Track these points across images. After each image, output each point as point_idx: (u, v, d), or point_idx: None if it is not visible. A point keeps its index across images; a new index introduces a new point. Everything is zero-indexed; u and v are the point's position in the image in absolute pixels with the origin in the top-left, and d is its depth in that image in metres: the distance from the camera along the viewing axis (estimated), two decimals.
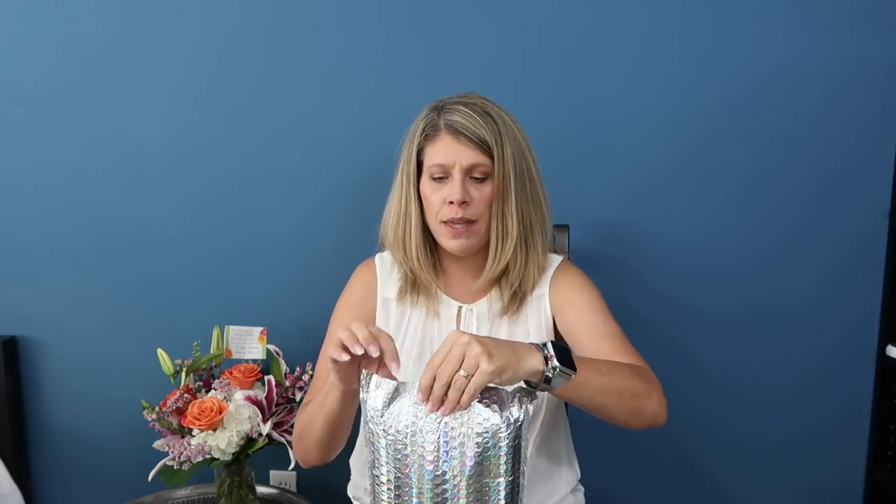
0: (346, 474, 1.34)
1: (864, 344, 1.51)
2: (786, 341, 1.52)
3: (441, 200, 1.06)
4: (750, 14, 1.41)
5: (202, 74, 1.50)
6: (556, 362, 0.85)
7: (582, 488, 1.26)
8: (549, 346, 0.86)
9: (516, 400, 0.84)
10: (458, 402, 0.81)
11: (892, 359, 1.47)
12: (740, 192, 1.47)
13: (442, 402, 0.81)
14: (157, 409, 1.29)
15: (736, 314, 1.51)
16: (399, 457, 0.82)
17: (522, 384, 0.88)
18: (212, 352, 1.38)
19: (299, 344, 1.52)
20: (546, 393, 1.14)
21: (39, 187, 1.55)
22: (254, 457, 1.32)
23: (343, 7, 1.46)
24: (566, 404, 1.25)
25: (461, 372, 0.80)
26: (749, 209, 1.48)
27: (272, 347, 1.39)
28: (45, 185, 1.55)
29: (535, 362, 0.84)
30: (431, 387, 0.81)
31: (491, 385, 0.83)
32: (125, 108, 1.51)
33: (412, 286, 1.15)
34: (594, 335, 1.07)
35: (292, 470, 1.30)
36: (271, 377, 1.33)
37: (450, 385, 0.80)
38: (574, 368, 0.87)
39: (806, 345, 1.52)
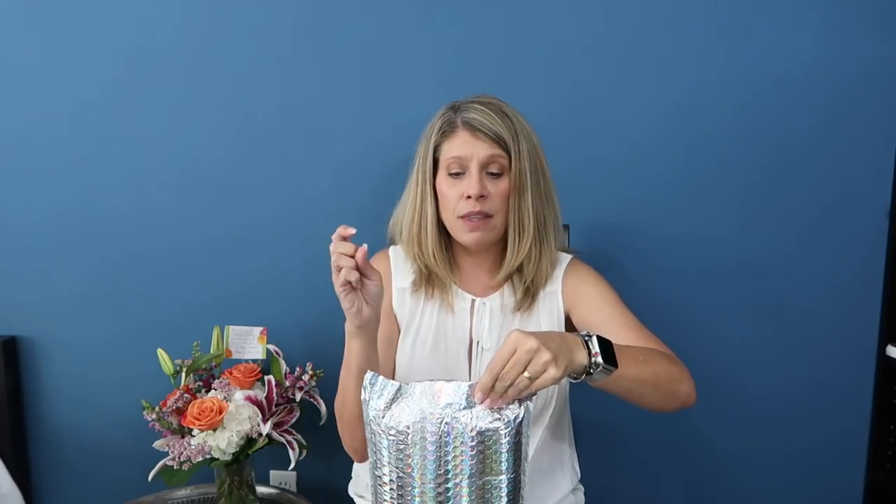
0: (346, 474, 1.34)
1: (864, 344, 1.51)
2: (786, 341, 1.52)
3: (458, 195, 1.08)
4: (751, 17, 1.41)
5: (203, 75, 1.50)
6: (599, 359, 0.87)
7: (582, 488, 1.26)
8: (595, 340, 0.88)
9: (516, 400, 0.84)
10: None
11: (892, 359, 1.47)
12: (740, 192, 1.47)
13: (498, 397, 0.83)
14: (157, 409, 1.29)
15: (735, 314, 1.51)
16: (401, 457, 0.83)
17: None
18: (212, 352, 1.38)
19: (299, 344, 1.52)
20: (553, 393, 1.15)
21: (40, 187, 1.55)
22: (254, 457, 1.32)
23: (343, 7, 1.46)
24: (571, 405, 1.25)
25: (525, 374, 0.81)
26: (749, 210, 1.48)
27: (272, 347, 1.39)
28: (45, 186, 1.55)
29: (581, 358, 0.87)
30: (491, 386, 0.82)
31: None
32: (126, 109, 1.51)
33: (426, 280, 1.16)
34: (614, 326, 1.09)
35: (292, 470, 1.31)
36: (271, 377, 1.33)
37: (511, 384, 0.82)
38: (616, 363, 0.89)
39: (806, 345, 1.52)
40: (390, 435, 0.83)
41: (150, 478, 1.29)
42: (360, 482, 1.29)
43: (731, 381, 1.54)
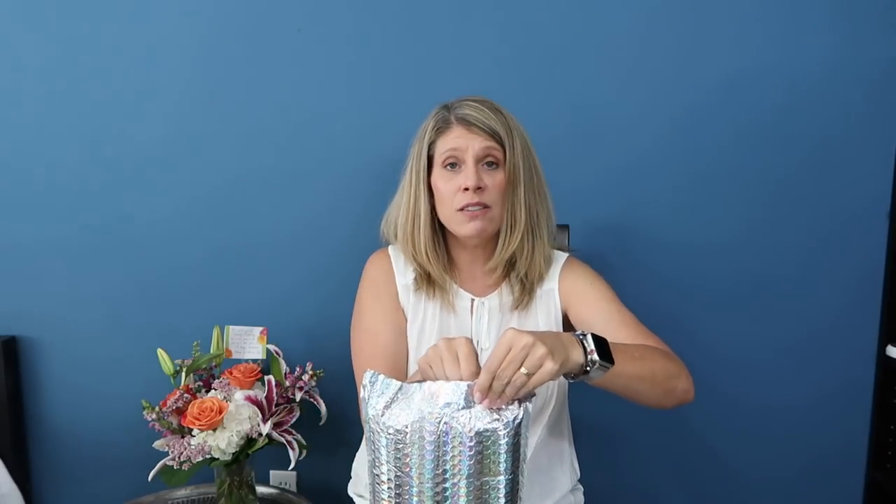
0: (346, 474, 1.35)
1: (864, 344, 1.51)
2: (786, 342, 1.52)
3: (455, 189, 1.09)
4: (752, 15, 1.42)
5: (203, 73, 1.50)
6: (595, 356, 0.87)
7: (581, 488, 1.26)
8: (590, 338, 0.89)
9: (515, 400, 0.84)
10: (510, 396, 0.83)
11: (892, 359, 1.47)
12: (740, 194, 1.47)
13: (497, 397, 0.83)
14: (157, 408, 1.29)
15: (735, 315, 1.51)
16: (399, 456, 0.83)
17: None
18: (212, 352, 1.38)
19: (299, 344, 1.52)
20: (553, 391, 1.15)
21: (39, 187, 1.55)
22: (254, 457, 1.32)
23: (343, 7, 1.46)
24: (570, 407, 1.25)
25: (522, 370, 0.82)
26: (749, 211, 1.48)
27: (272, 347, 1.39)
28: (45, 185, 1.55)
29: (577, 356, 0.87)
30: (489, 386, 0.82)
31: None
32: (125, 108, 1.52)
33: (427, 280, 1.17)
34: (611, 324, 1.09)
35: (292, 470, 1.31)
36: (271, 377, 1.33)
37: (508, 382, 0.82)
38: (612, 360, 0.89)
39: (806, 346, 1.52)
40: (389, 434, 0.83)
41: (150, 478, 1.29)
42: (359, 482, 1.29)
43: (731, 380, 1.54)
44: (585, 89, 1.46)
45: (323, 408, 1.38)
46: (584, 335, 0.89)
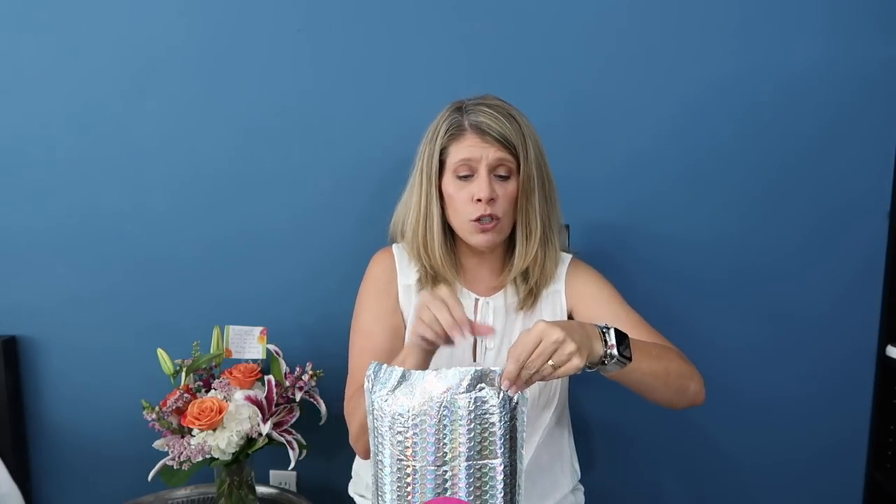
0: (346, 474, 1.35)
1: (864, 344, 1.51)
2: (786, 342, 1.52)
3: (467, 198, 1.08)
4: (750, 15, 1.41)
5: (203, 73, 1.50)
6: (615, 351, 0.89)
7: (582, 488, 1.27)
8: (612, 333, 0.90)
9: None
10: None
11: (892, 359, 1.47)
12: (741, 194, 1.47)
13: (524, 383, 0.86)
14: (157, 408, 1.29)
15: (736, 315, 1.51)
16: (401, 440, 0.85)
17: None
18: (212, 352, 1.38)
19: (299, 344, 1.52)
20: (556, 392, 1.16)
21: (40, 188, 1.55)
22: (254, 457, 1.32)
23: (342, 7, 1.46)
24: (571, 407, 1.25)
25: (550, 362, 0.84)
26: (749, 211, 1.48)
27: (272, 347, 1.39)
28: (46, 186, 1.55)
29: (598, 348, 0.89)
30: (517, 375, 0.84)
31: (486, 368, 0.87)
32: (125, 107, 1.52)
33: (432, 280, 1.17)
34: (620, 325, 1.09)
35: (292, 470, 1.31)
36: (271, 377, 1.33)
37: (536, 371, 0.84)
38: (630, 357, 0.91)
39: (806, 345, 1.52)
40: (391, 418, 0.85)
41: (150, 478, 1.29)
42: (360, 482, 1.29)
43: (731, 381, 1.53)
44: (582, 88, 1.46)
45: (323, 408, 1.38)
46: (607, 329, 0.91)
